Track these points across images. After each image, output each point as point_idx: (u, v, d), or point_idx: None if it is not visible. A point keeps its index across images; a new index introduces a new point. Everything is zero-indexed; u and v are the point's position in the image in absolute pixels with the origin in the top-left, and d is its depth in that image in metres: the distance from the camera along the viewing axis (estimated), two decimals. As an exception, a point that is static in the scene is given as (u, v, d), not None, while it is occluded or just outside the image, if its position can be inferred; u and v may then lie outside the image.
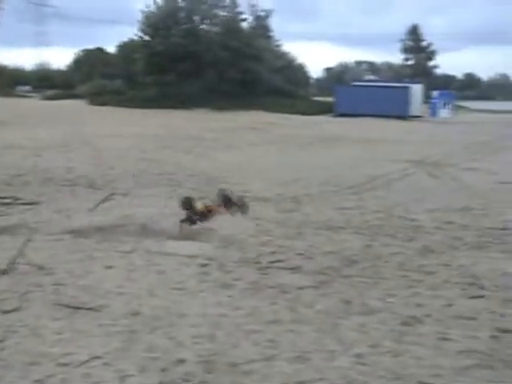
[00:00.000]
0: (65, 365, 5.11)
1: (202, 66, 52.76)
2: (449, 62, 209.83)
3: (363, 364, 5.28)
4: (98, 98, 54.19)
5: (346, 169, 18.06)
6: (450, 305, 6.86)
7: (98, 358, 5.26)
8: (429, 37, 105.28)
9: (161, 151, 21.50)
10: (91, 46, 77.59)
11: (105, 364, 5.16)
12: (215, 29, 56.76)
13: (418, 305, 6.83)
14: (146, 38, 56.48)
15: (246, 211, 10.00)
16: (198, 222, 9.73)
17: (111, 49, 71.87)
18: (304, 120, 43.46)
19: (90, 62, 69.41)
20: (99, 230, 9.89)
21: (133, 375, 4.98)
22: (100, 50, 74.38)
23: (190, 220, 9.66)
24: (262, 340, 5.71)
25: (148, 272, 7.81)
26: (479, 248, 9.42)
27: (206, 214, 9.68)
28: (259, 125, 35.97)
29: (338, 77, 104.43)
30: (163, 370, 5.09)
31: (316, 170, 17.50)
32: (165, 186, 14.34)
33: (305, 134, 31.26)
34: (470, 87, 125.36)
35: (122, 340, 5.65)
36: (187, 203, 9.76)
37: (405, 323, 6.26)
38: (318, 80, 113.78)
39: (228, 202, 9.77)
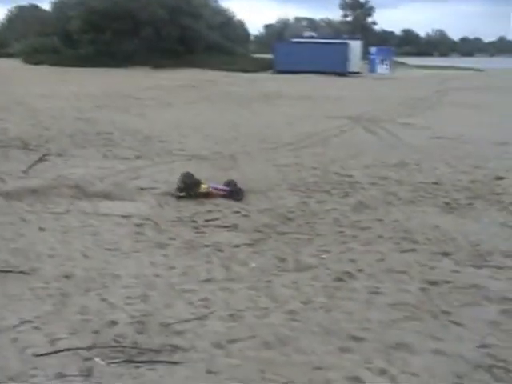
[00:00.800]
0: (-7, 330, 5.04)
1: (140, 24, 51.71)
2: (387, 19, 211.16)
3: (295, 320, 5.34)
4: (34, 56, 52.70)
5: (284, 126, 18.05)
6: (382, 259, 6.98)
7: (28, 322, 5.19)
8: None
9: (97, 111, 21.10)
10: (25, 3, 75.27)
11: (35, 328, 5.10)
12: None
13: (352, 260, 6.92)
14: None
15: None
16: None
17: (46, 6, 69.85)
18: (244, 77, 43.17)
19: (24, 19, 67.27)
20: (33, 191, 9.70)
21: (64, 338, 4.93)
22: (34, 7, 72.14)
23: (187, 196, 9.48)
24: (196, 299, 5.72)
25: (82, 233, 7.72)
26: (412, 203, 9.59)
27: (206, 195, 9.55)
28: (198, 82, 35.61)
29: (277, 33, 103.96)
30: (95, 332, 5.05)
31: (254, 128, 17.44)
32: (101, 145, 14.11)
33: (244, 91, 31.07)
34: (408, 43, 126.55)
35: (54, 303, 5.59)
36: (193, 182, 9.59)
37: (338, 279, 6.35)
38: (257, 37, 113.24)
39: (236, 194, 9.64)
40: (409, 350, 4.86)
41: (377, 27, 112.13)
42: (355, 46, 51.79)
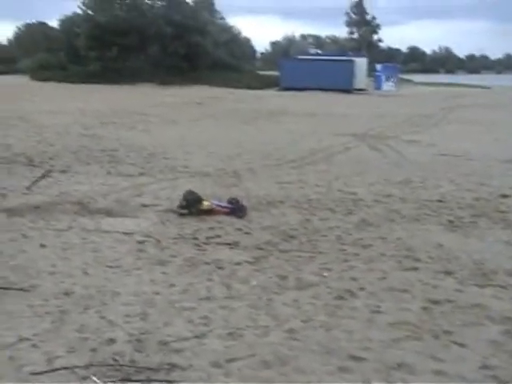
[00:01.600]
0: (-9, 348, 5.00)
1: (146, 41, 52.04)
2: (393, 36, 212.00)
3: (295, 339, 5.28)
4: (41, 73, 53.06)
5: (288, 143, 18.04)
6: (384, 278, 6.92)
7: (26, 339, 5.14)
8: (373, 10, 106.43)
9: (103, 127, 21.16)
10: (33, 20, 75.75)
11: (33, 346, 5.05)
12: (159, 3, 55.97)
13: (353, 278, 6.86)
14: (89, 11, 55.46)
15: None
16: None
17: (54, 23, 70.08)
18: (249, 94, 43.32)
19: (33, 36, 67.67)
20: (35, 208, 9.71)
21: (61, 356, 4.89)
22: (43, 24, 72.58)
23: (189, 213, 9.47)
24: (195, 317, 5.67)
25: (83, 250, 7.69)
26: (416, 220, 9.53)
27: (208, 212, 9.53)
28: (204, 99, 35.74)
29: (283, 50, 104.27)
30: (93, 350, 5.01)
31: (259, 145, 17.45)
32: (105, 162, 14.12)
33: (249, 108, 31.14)
34: (413, 60, 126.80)
35: (52, 320, 5.54)
36: (195, 200, 9.57)
37: (339, 297, 6.30)
38: (263, 54, 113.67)
39: (238, 211, 9.60)
40: (409, 371, 4.79)
41: (383, 44, 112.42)
42: (361, 63, 51.94)
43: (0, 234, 8.21)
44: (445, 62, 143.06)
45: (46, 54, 57.09)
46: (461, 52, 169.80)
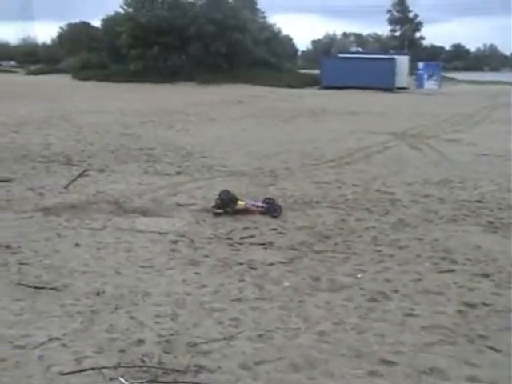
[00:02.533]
0: (21, 347, 4.99)
1: (187, 40, 52.27)
2: (436, 34, 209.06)
3: (326, 342, 5.20)
4: (83, 72, 53.81)
5: (327, 142, 17.93)
6: (419, 280, 6.79)
7: (56, 339, 5.15)
8: (415, 8, 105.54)
9: (142, 126, 21.26)
10: (76, 20, 76.70)
11: (62, 345, 5.05)
12: (200, 1, 56.15)
13: (387, 280, 6.75)
14: (130, 10, 55.98)
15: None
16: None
17: (97, 23, 70.88)
18: (289, 93, 43.22)
19: (75, 36, 68.52)
20: (71, 207, 9.78)
21: (90, 357, 4.88)
22: (85, 24, 73.42)
23: (224, 212, 9.48)
24: (225, 318, 5.62)
25: (116, 250, 7.70)
26: (454, 221, 9.37)
27: (243, 211, 9.52)
28: (244, 98, 35.73)
29: (325, 49, 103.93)
30: (121, 350, 4.98)
31: (297, 144, 17.36)
32: (142, 161, 14.17)
33: (289, 107, 31.06)
34: (457, 58, 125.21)
35: (83, 320, 5.54)
36: (230, 199, 9.57)
37: (372, 299, 6.19)
38: (304, 52, 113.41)
39: (273, 211, 9.57)
40: (441, 376, 4.68)
41: (426, 42, 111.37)
42: (402, 61, 51.47)
43: (36, 233, 8.27)
44: (489, 59, 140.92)
45: (88, 54, 57.77)
46: (506, 49, 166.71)
